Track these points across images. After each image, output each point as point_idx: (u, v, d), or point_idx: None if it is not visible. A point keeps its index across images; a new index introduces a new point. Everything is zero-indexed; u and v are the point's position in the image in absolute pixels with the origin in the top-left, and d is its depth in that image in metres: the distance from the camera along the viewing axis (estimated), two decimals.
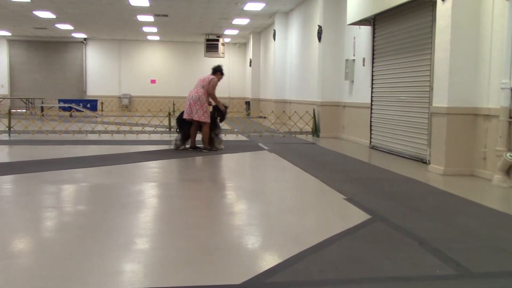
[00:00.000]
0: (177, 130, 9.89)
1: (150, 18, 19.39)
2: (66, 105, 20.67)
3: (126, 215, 4.60)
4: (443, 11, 7.11)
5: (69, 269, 3.15)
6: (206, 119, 9.33)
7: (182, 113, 9.69)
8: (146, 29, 22.57)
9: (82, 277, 3.01)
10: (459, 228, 4.30)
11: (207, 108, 9.37)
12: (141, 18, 19.33)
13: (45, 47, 26.71)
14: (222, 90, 27.90)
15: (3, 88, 26.30)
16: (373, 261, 3.38)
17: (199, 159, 8.66)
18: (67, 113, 17.92)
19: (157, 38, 26.25)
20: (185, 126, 9.59)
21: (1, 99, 24.08)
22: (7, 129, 12.35)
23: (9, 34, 25.12)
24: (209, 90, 9.39)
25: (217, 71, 9.70)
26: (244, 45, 27.64)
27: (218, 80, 9.63)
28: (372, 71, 10.54)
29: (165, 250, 3.62)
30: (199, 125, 9.47)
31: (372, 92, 10.57)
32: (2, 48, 26.38)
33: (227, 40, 25.66)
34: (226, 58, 26.53)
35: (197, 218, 4.60)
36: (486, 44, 6.83)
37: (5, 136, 11.78)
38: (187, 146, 9.69)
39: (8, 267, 3.20)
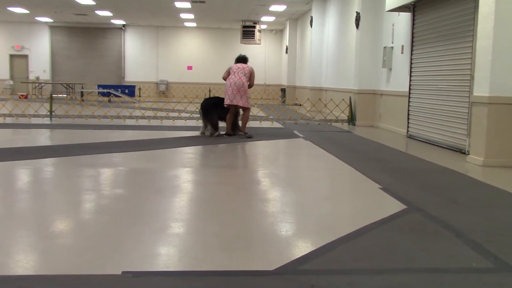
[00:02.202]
0: (203, 118, 9.68)
1: (187, 5, 19.48)
2: (105, 90, 21.07)
3: (162, 200, 4.69)
4: None
5: (106, 250, 3.24)
6: (249, 105, 9.56)
7: (206, 100, 9.86)
8: (183, 15, 22.71)
9: (119, 259, 3.09)
10: (498, 220, 4.20)
11: (249, 95, 9.55)
12: (178, 4, 19.44)
13: (85, 33, 27.22)
14: (258, 77, 27.85)
15: (45, 73, 26.99)
16: (407, 251, 3.34)
17: (233, 146, 8.71)
18: (106, 99, 18.28)
19: (194, 24, 26.38)
20: (212, 114, 9.59)
21: (43, 84, 24.75)
22: (48, 113, 12.70)
23: (51, 20, 25.71)
24: (252, 82, 9.66)
25: (246, 61, 9.96)
26: (281, 31, 27.49)
27: None
28: (411, 59, 10.33)
29: (200, 234, 3.67)
30: (236, 112, 9.61)
31: (410, 80, 10.37)
32: (44, 34, 27.03)
33: (263, 26, 25.56)
34: (262, 45, 26.47)
35: (231, 204, 4.65)
36: None
37: (46, 120, 12.12)
38: (222, 132, 9.74)
39: (49, 247, 3.31)
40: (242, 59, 9.98)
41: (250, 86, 9.66)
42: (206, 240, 3.52)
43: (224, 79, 9.72)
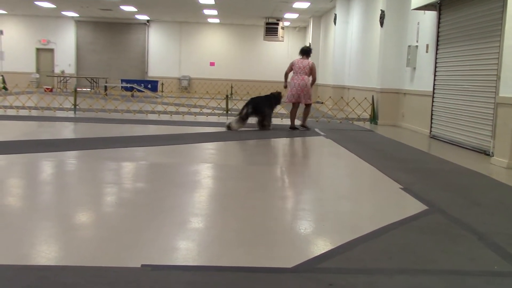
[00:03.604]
0: (246, 111, 10.03)
1: (211, 1, 19.53)
2: (128, 85, 21.25)
3: (182, 194, 4.72)
4: None
5: (126, 243, 3.27)
6: (311, 101, 10.52)
7: (253, 98, 10.41)
8: (206, 11, 22.77)
9: (138, 252, 3.12)
10: None
11: (311, 91, 10.51)
12: (202, 0, 19.50)
13: (110, 28, 27.50)
14: (280, 74, 27.80)
15: (70, 67, 27.37)
16: (428, 253, 3.30)
17: (254, 143, 8.71)
18: (129, 93, 18.45)
19: (217, 21, 26.44)
20: (261, 109, 10.13)
21: (68, 77, 25.10)
22: (73, 106, 12.88)
23: (76, 15, 26.04)
24: (314, 77, 10.38)
25: (310, 53, 10.54)
26: (304, 29, 27.37)
27: None
28: (436, 58, 10.19)
29: (219, 230, 3.69)
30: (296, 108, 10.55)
31: (434, 79, 10.23)
32: (70, 29, 27.39)
33: (286, 23, 25.47)
34: (285, 42, 26.37)
35: (251, 200, 4.65)
36: None
37: (71, 114, 12.29)
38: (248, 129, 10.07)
39: (71, 239, 3.36)
40: (304, 52, 10.53)
41: (313, 80, 10.40)
42: (225, 236, 3.53)
43: (286, 74, 10.67)
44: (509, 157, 6.79)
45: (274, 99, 10.50)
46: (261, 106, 10.18)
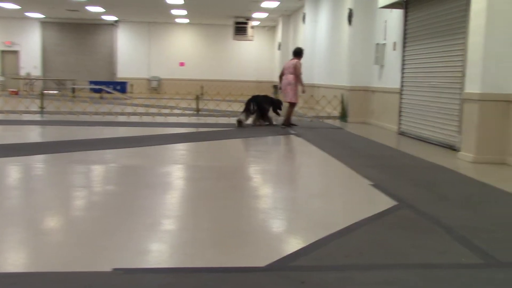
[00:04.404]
0: (249, 109, 10.60)
1: (179, 0, 19.39)
2: (97, 86, 20.94)
3: (153, 196, 4.67)
4: None
5: (97, 247, 3.23)
6: (294, 99, 10.74)
7: (255, 96, 10.97)
8: (174, 11, 22.59)
9: (109, 255, 3.08)
10: (487, 217, 4.23)
11: (296, 90, 10.73)
12: (170, 0, 19.35)
13: (77, 29, 27.04)
14: (250, 74, 27.84)
15: (36, 70, 26.80)
16: (398, 247, 3.36)
17: (225, 143, 8.70)
18: (98, 95, 18.18)
19: (186, 21, 26.28)
20: (261, 106, 10.75)
21: (34, 80, 24.58)
22: (39, 109, 12.62)
23: (42, 16, 25.51)
24: (297, 73, 10.62)
25: (300, 54, 10.92)
26: (273, 28, 27.46)
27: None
28: (403, 56, 10.35)
29: (191, 231, 3.67)
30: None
31: (402, 77, 10.40)
32: (35, 30, 26.81)
33: (256, 23, 25.50)
34: (255, 42, 26.40)
35: (223, 200, 4.64)
36: None
37: (37, 117, 12.04)
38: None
39: (39, 244, 3.30)
40: (295, 53, 10.98)
41: (296, 78, 10.61)
42: (198, 237, 3.52)
43: (279, 76, 11.03)
44: (475, 151, 6.95)
45: (272, 103, 11.06)
46: (263, 104, 10.78)
